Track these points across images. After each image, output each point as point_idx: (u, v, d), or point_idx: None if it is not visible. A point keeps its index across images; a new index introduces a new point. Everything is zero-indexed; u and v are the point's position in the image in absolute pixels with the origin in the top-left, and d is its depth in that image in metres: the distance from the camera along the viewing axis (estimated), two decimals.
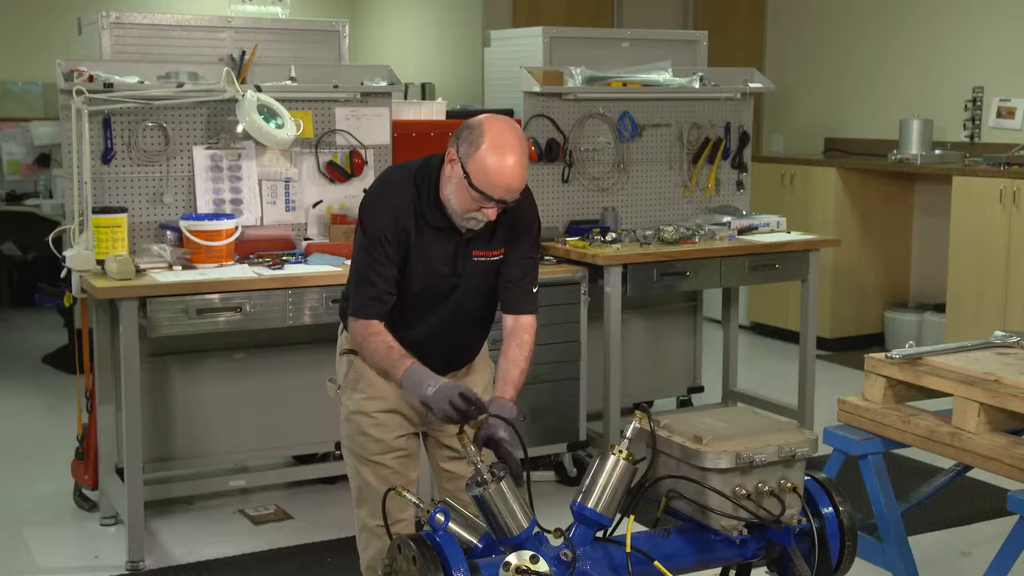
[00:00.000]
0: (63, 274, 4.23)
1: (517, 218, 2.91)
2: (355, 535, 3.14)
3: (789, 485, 2.56)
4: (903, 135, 6.93)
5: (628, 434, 2.58)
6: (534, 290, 2.99)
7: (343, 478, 4.76)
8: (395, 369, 2.79)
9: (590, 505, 2.52)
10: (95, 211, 4.18)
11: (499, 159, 2.68)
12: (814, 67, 8.14)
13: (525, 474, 2.56)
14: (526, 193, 2.84)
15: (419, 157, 2.95)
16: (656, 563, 2.47)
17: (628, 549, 2.44)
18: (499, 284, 2.97)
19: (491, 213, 2.75)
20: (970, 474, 4.07)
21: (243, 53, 4.53)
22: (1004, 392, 3.22)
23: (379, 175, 2.99)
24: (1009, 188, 6.05)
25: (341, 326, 3.07)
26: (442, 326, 2.95)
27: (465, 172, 2.69)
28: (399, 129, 4.80)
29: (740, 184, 5.60)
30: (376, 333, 2.83)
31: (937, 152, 6.78)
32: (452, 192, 2.76)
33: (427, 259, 2.85)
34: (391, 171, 2.96)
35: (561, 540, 2.48)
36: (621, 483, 2.54)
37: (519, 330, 2.96)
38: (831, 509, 2.67)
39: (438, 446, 3.11)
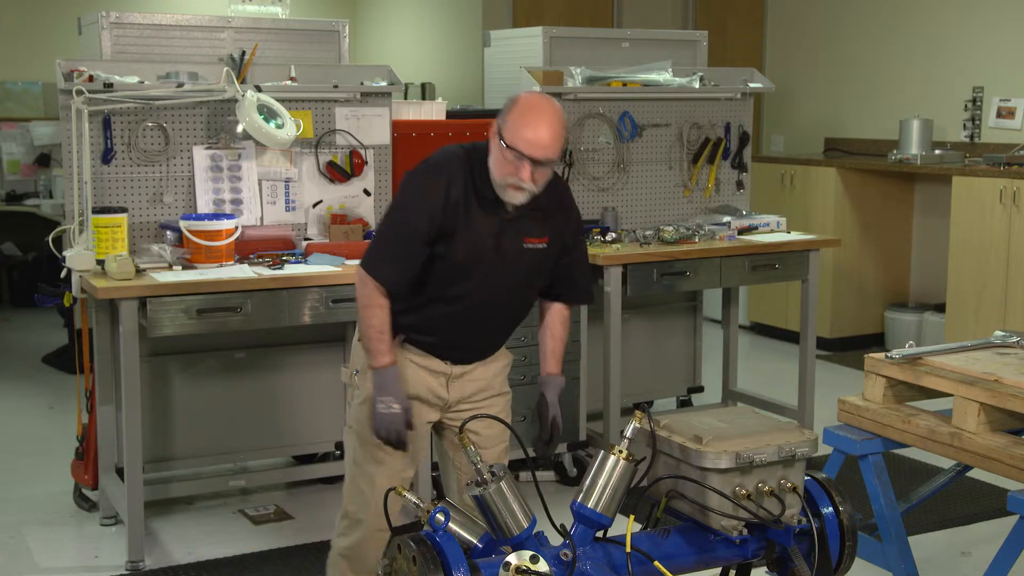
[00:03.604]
0: (63, 274, 4.23)
1: (562, 208, 3.06)
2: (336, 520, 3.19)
3: (789, 485, 2.56)
4: (903, 135, 6.94)
5: (628, 434, 2.58)
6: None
7: (343, 478, 4.78)
8: (375, 357, 2.94)
9: (590, 505, 2.52)
10: (95, 211, 4.18)
11: (529, 117, 2.81)
12: (814, 67, 8.14)
13: (548, 445, 3.13)
14: (566, 189, 3.11)
15: (456, 144, 3.09)
16: (656, 563, 2.47)
17: (628, 549, 2.44)
18: (559, 275, 3.11)
19: (525, 175, 2.81)
20: (970, 474, 4.07)
21: (243, 53, 4.53)
22: (1004, 392, 3.22)
23: (442, 148, 3.04)
24: (1009, 188, 6.05)
25: None
26: (481, 310, 3.00)
27: (501, 136, 2.82)
28: (399, 129, 4.80)
29: (740, 184, 5.60)
30: (380, 306, 2.93)
31: (937, 152, 6.78)
32: (494, 162, 2.86)
33: (474, 230, 2.91)
34: (449, 147, 3.03)
35: (561, 540, 2.48)
36: (621, 483, 2.54)
37: (563, 311, 3.19)
38: (831, 509, 2.67)
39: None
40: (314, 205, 4.63)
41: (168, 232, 4.30)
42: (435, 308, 2.98)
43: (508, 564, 2.32)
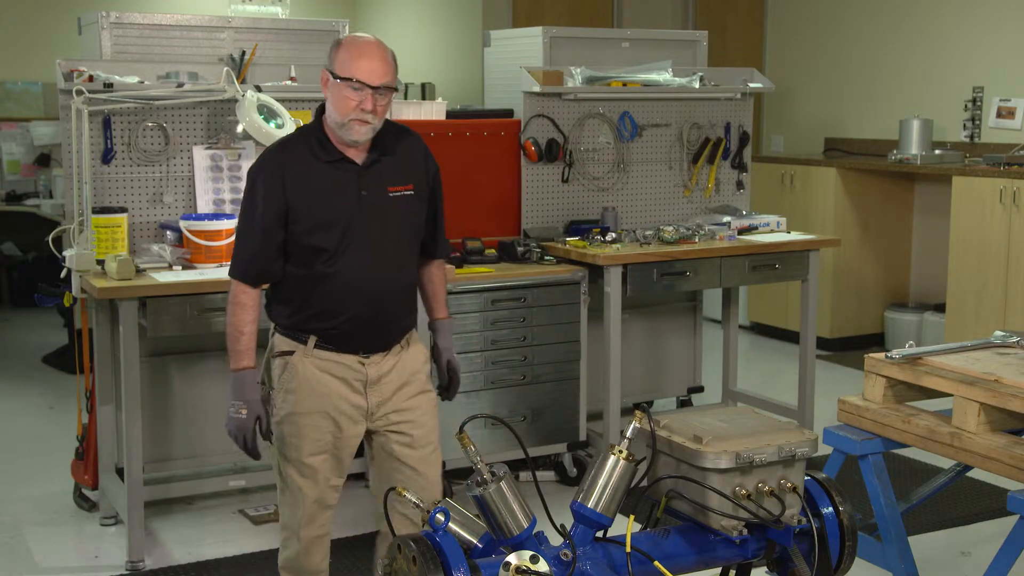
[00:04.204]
0: (63, 274, 4.23)
1: (420, 155, 3.07)
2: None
3: (789, 485, 2.56)
4: (903, 135, 6.93)
5: (628, 434, 2.58)
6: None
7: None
8: (232, 358, 2.96)
9: (590, 505, 2.52)
10: (95, 211, 4.18)
11: (357, 49, 2.88)
12: (814, 67, 8.14)
13: (451, 385, 3.23)
14: (420, 138, 3.10)
15: None
16: (656, 563, 2.47)
17: (628, 549, 2.44)
18: (428, 231, 3.13)
19: (367, 104, 2.85)
20: (970, 474, 4.07)
21: (243, 53, 4.53)
22: (1004, 392, 3.22)
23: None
24: (1009, 188, 6.05)
25: (272, 327, 3.08)
26: (371, 276, 2.95)
27: (333, 74, 2.87)
28: None
29: (740, 184, 5.60)
30: (241, 305, 2.95)
31: (937, 152, 6.78)
32: (331, 105, 2.89)
33: (329, 193, 2.92)
34: (283, 136, 3.16)
35: (561, 540, 2.48)
36: (621, 483, 2.54)
37: (438, 262, 3.24)
38: (831, 509, 2.67)
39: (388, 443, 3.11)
40: None
41: (168, 232, 4.30)
42: (327, 286, 2.93)
43: (508, 564, 2.32)
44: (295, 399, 3.00)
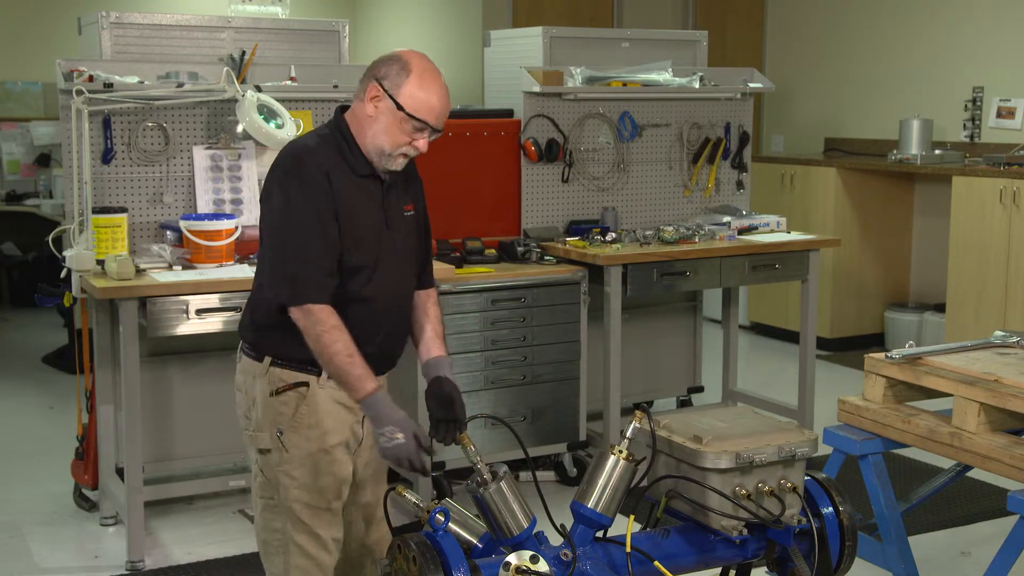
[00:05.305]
0: (63, 274, 4.23)
1: (414, 173, 2.86)
2: None
3: (789, 485, 2.56)
4: (903, 135, 6.93)
5: (628, 434, 2.58)
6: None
7: None
8: (356, 386, 2.58)
9: (590, 505, 2.52)
10: (95, 211, 4.18)
11: (428, 83, 2.62)
12: (814, 67, 8.14)
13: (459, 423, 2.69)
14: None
15: None
16: (656, 563, 2.47)
17: (628, 549, 2.44)
18: (421, 255, 2.89)
19: (422, 144, 2.66)
20: (970, 474, 4.07)
21: (243, 53, 4.53)
22: (1004, 392, 3.22)
23: (288, 145, 2.77)
24: (1009, 188, 6.05)
25: (268, 360, 2.74)
26: (392, 297, 2.75)
27: (397, 103, 2.61)
28: None
29: (740, 184, 5.60)
30: (336, 327, 2.58)
31: (937, 152, 6.78)
32: (381, 130, 2.64)
33: (363, 207, 2.68)
34: (296, 141, 2.75)
35: (561, 540, 2.48)
36: (621, 483, 2.54)
37: (432, 292, 2.92)
38: (831, 509, 2.67)
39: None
40: None
41: (168, 232, 4.30)
42: (363, 308, 2.69)
43: (508, 564, 2.32)
44: (319, 434, 2.70)
